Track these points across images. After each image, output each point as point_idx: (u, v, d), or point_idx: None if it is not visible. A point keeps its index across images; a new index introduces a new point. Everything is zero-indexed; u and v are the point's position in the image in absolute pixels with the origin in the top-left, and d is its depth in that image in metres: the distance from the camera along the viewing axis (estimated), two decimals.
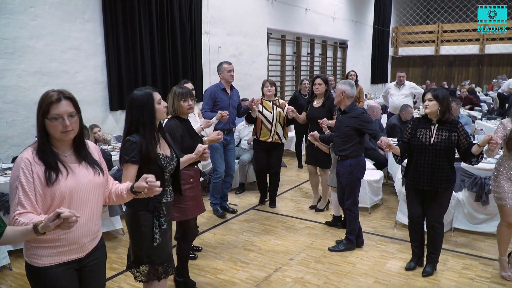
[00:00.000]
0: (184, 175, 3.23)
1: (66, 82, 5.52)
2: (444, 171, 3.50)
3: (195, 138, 3.37)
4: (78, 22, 5.63)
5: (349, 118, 4.14)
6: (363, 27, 14.75)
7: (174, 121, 3.34)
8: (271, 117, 5.30)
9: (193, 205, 3.37)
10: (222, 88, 5.16)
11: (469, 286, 3.62)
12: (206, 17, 7.81)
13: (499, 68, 17.15)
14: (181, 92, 3.33)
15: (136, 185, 2.10)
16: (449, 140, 3.45)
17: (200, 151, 2.94)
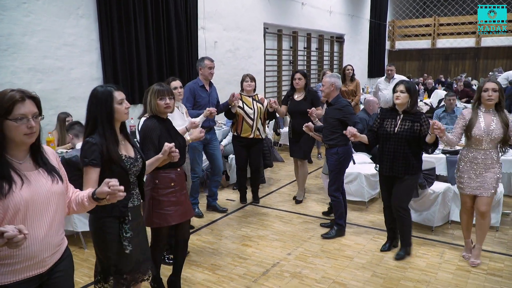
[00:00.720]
0: (164, 178, 3.12)
1: (61, 79, 5.49)
2: (405, 159, 3.74)
3: (175, 138, 3.19)
4: (72, 18, 5.58)
5: (334, 109, 4.38)
6: (359, 21, 14.71)
7: (152, 121, 3.14)
8: (252, 113, 5.20)
9: (175, 211, 3.16)
10: (201, 85, 5.00)
11: (466, 278, 3.63)
12: (202, 12, 7.76)
13: (495, 61, 17.14)
14: (158, 89, 3.14)
15: (97, 191, 1.94)
16: (411, 129, 3.68)
17: (166, 150, 2.73)
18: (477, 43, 16.34)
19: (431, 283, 3.56)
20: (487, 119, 3.59)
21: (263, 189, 6.22)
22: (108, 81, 6.00)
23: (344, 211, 4.60)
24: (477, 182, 3.67)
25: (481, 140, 3.59)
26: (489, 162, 3.63)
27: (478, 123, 3.58)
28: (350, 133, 3.78)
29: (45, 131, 5.17)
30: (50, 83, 5.39)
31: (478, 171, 3.66)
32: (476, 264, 3.84)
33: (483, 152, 3.62)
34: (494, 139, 3.56)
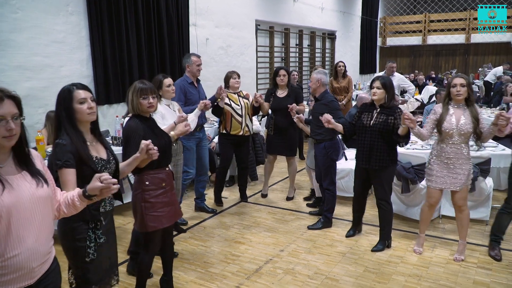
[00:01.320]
0: (154, 179, 3.01)
1: (50, 77, 5.44)
2: (380, 151, 3.88)
3: (161, 137, 3.08)
4: (62, 15, 5.53)
5: (321, 105, 4.50)
6: (351, 17, 14.74)
7: (134, 120, 3.01)
8: (239, 109, 5.11)
9: (169, 211, 3.09)
10: (190, 82, 4.88)
11: (457, 271, 3.67)
12: (193, 9, 7.73)
13: (485, 57, 17.28)
14: (141, 88, 2.98)
15: (89, 187, 1.84)
16: (385, 123, 3.81)
17: (143, 148, 2.53)
18: (467, 40, 16.46)
19: (423, 277, 3.59)
20: (457, 114, 3.65)
21: (255, 186, 6.23)
22: (99, 78, 5.96)
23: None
24: (449, 177, 3.72)
25: (451, 134, 3.64)
26: (460, 156, 3.68)
27: (449, 118, 3.65)
28: (325, 119, 3.97)
29: (35, 130, 5.11)
30: (39, 81, 5.33)
31: (450, 165, 3.71)
32: (459, 259, 3.87)
33: (454, 147, 3.67)
34: (464, 133, 3.62)
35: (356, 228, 4.48)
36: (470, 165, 3.74)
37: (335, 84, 7.75)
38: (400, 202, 4.84)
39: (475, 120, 3.58)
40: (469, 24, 16.23)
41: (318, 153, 4.59)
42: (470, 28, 16.27)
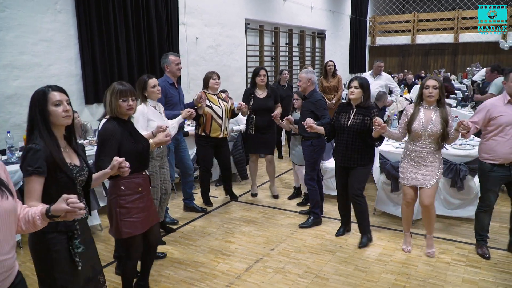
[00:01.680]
0: (131, 184, 2.93)
1: (39, 75, 5.39)
2: (357, 150, 3.99)
3: (139, 141, 2.98)
4: (50, 13, 5.47)
5: (309, 103, 4.61)
6: (340, 16, 14.79)
7: (111, 123, 2.88)
8: (220, 111, 5.04)
9: (145, 217, 3.01)
10: (170, 82, 4.75)
11: (446, 270, 3.71)
12: (183, 8, 7.70)
13: (473, 56, 17.46)
14: (120, 89, 2.87)
15: (54, 208, 1.74)
16: (362, 123, 3.91)
17: (115, 165, 2.37)
18: (455, 39, 16.62)
19: (412, 276, 3.62)
20: (427, 115, 3.72)
21: (246, 185, 6.23)
22: (87, 77, 5.91)
23: (321, 201, 4.84)
24: (418, 174, 3.81)
25: (420, 134, 3.72)
26: (429, 156, 3.76)
27: (418, 119, 3.72)
28: (307, 124, 4.03)
29: (23, 129, 5.07)
30: (28, 80, 5.27)
31: (419, 164, 3.79)
32: (431, 253, 3.96)
33: (422, 146, 3.76)
34: (432, 134, 3.68)
35: (346, 227, 4.52)
36: (440, 164, 3.82)
37: (325, 83, 7.77)
38: (389, 201, 4.88)
39: (444, 121, 3.66)
40: (458, 23, 16.39)
41: (305, 149, 4.71)
42: (458, 27, 16.43)
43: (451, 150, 4.54)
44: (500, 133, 3.67)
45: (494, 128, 3.70)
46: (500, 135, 3.67)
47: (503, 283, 3.49)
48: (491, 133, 3.73)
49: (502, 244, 4.18)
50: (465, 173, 4.45)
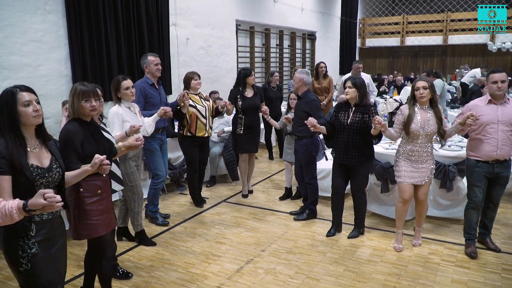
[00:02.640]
0: (90, 186, 2.85)
1: (28, 76, 5.34)
2: (358, 148, 4.12)
3: (101, 143, 2.90)
4: (39, 14, 5.42)
5: (303, 103, 4.74)
6: (331, 18, 14.86)
7: (73, 124, 2.81)
8: (204, 111, 5.08)
9: (104, 220, 2.93)
10: (150, 83, 4.67)
11: (435, 270, 3.74)
12: (174, 9, 7.68)
13: (462, 58, 17.65)
14: (82, 90, 2.80)
15: (31, 202, 1.83)
16: (362, 121, 4.06)
17: (96, 163, 2.43)
18: (444, 41, 16.79)
19: (402, 276, 3.65)
20: (423, 115, 3.85)
21: (236, 186, 6.22)
22: (77, 78, 5.87)
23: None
24: (415, 172, 3.95)
25: (418, 134, 3.84)
26: (424, 154, 3.91)
27: (416, 119, 3.83)
28: (310, 123, 4.14)
29: None
30: (17, 80, 5.21)
31: (415, 162, 3.94)
32: (417, 244, 4.20)
33: (420, 146, 3.89)
34: (429, 133, 3.84)
35: (337, 227, 4.56)
36: (433, 160, 4.00)
37: (316, 85, 7.80)
38: (380, 202, 4.91)
39: (439, 120, 3.81)
40: (447, 25, 16.55)
41: (299, 149, 4.83)
42: (447, 29, 16.59)
43: (440, 151, 4.59)
44: (482, 132, 3.81)
45: (477, 127, 3.82)
46: (482, 134, 3.81)
47: (492, 283, 3.53)
48: (475, 132, 3.86)
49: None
50: (454, 174, 4.50)
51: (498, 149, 3.75)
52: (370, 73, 16.84)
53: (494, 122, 3.74)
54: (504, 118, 3.73)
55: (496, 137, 3.74)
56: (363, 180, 4.34)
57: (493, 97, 3.78)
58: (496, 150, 3.76)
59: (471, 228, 4.06)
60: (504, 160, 3.82)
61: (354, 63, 8.15)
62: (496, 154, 3.77)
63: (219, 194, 5.90)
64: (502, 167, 3.84)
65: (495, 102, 3.77)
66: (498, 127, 3.74)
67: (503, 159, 3.81)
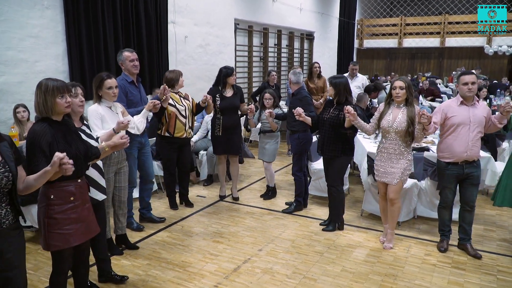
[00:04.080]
0: (61, 192, 2.60)
1: (25, 72, 5.30)
2: (332, 142, 4.37)
3: (73, 144, 2.64)
4: (37, 9, 5.39)
5: (296, 100, 5.00)
6: (329, 19, 14.87)
7: (41, 125, 2.53)
8: (184, 110, 4.86)
9: (77, 229, 2.67)
10: (130, 81, 4.40)
11: (432, 271, 3.75)
12: (172, 6, 7.65)
13: (458, 60, 17.74)
14: (56, 86, 2.53)
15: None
16: (336, 117, 4.29)
17: (56, 161, 2.20)
18: (441, 43, 16.85)
19: (398, 277, 3.65)
20: (395, 113, 3.97)
21: None
22: (75, 74, 5.84)
23: (305, 191, 5.27)
24: (386, 169, 4.05)
25: (388, 131, 3.98)
26: (397, 152, 3.99)
27: (387, 116, 3.99)
28: (297, 112, 4.41)
29: (8, 125, 5.00)
30: (13, 76, 5.19)
31: (388, 160, 4.04)
32: (388, 247, 4.18)
33: (391, 143, 4.00)
34: (399, 131, 3.91)
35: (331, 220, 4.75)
36: (407, 162, 4.01)
37: (311, 85, 7.82)
38: (377, 202, 4.90)
39: (410, 120, 3.87)
40: (444, 28, 16.61)
41: (292, 142, 5.15)
42: (444, 32, 16.65)
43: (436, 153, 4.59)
44: (453, 132, 3.88)
45: (448, 127, 3.90)
46: (453, 134, 3.88)
47: (488, 284, 3.54)
48: (446, 133, 3.94)
49: (487, 246, 4.25)
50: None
51: (468, 149, 3.83)
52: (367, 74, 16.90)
53: (466, 123, 3.83)
54: (475, 120, 3.82)
55: (466, 138, 3.82)
56: (336, 174, 4.51)
57: (464, 98, 3.85)
58: (466, 151, 3.83)
59: (444, 225, 4.18)
60: (473, 160, 3.90)
61: (350, 64, 8.22)
62: (466, 154, 3.84)
63: (216, 193, 5.88)
64: (471, 167, 3.91)
65: (466, 103, 3.85)
66: (469, 128, 3.82)
67: (472, 159, 3.89)
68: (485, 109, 3.91)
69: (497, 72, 16.80)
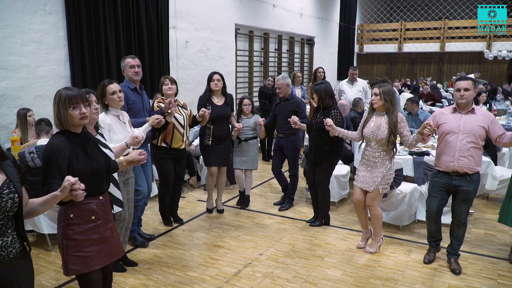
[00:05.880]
0: (81, 211, 2.39)
1: (27, 77, 5.33)
2: (317, 145, 4.60)
3: (95, 158, 2.46)
4: (39, 14, 5.42)
5: (289, 104, 5.23)
6: (329, 24, 14.93)
7: (59, 138, 2.35)
8: (182, 120, 4.59)
9: (98, 252, 2.44)
10: (132, 88, 4.24)
11: (432, 275, 3.75)
12: (173, 12, 7.70)
13: (458, 65, 17.78)
14: (68, 95, 2.33)
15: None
16: (321, 122, 4.40)
17: (66, 187, 1.98)
18: (441, 48, 16.90)
19: (399, 281, 3.65)
20: (377, 121, 3.97)
21: (234, 190, 6.22)
22: (76, 80, 5.87)
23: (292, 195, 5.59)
24: (366, 177, 4.06)
25: (370, 139, 3.99)
26: (377, 160, 3.98)
27: (369, 124, 4.01)
28: (292, 121, 4.72)
29: (10, 130, 5.02)
30: (15, 81, 5.22)
31: (368, 166, 4.06)
32: (367, 251, 4.22)
33: (372, 151, 4.01)
34: (380, 139, 3.90)
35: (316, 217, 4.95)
36: (386, 170, 3.98)
37: None
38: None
39: (390, 128, 3.84)
40: (444, 33, 16.66)
41: (286, 145, 5.31)
42: (444, 37, 16.70)
43: None
44: (443, 140, 3.73)
45: (440, 135, 3.78)
46: (443, 142, 3.73)
47: None
48: (439, 140, 3.81)
49: (487, 250, 4.25)
50: None
51: (455, 159, 3.61)
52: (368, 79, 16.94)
53: (455, 132, 3.61)
54: (466, 128, 3.58)
55: (454, 147, 3.61)
56: (323, 175, 4.73)
57: (457, 105, 3.66)
58: (453, 161, 3.62)
59: (430, 236, 4.05)
60: (464, 173, 3.64)
61: (350, 69, 8.26)
62: (453, 164, 3.63)
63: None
64: (461, 180, 3.65)
65: (460, 111, 3.64)
66: (458, 136, 3.60)
67: (463, 172, 3.63)
68: (484, 119, 3.57)
69: (497, 77, 16.85)
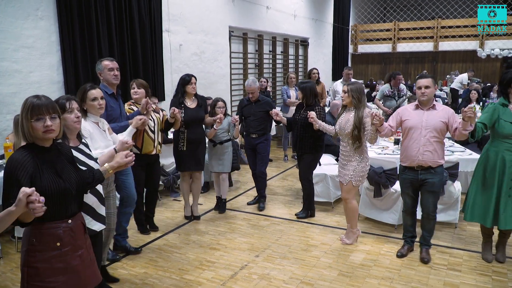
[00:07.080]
0: (45, 236, 2.12)
1: (20, 82, 5.31)
2: (301, 140, 4.89)
3: (64, 174, 2.18)
4: (31, 20, 5.41)
5: (262, 105, 5.44)
6: (323, 25, 14.96)
7: (21, 153, 2.08)
8: (152, 125, 4.42)
9: (65, 282, 2.16)
10: (110, 93, 3.99)
11: (428, 273, 3.76)
12: (167, 15, 7.70)
13: (452, 64, 17.83)
14: (32, 104, 2.09)
15: None
16: (305, 118, 4.68)
17: (21, 199, 1.74)
18: (435, 48, 16.95)
19: (395, 280, 3.66)
20: (346, 116, 4.21)
21: (230, 192, 6.22)
22: (70, 85, 5.84)
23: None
24: (341, 170, 4.31)
25: (341, 134, 4.23)
26: (348, 154, 4.21)
27: (340, 119, 4.26)
28: (274, 113, 5.06)
29: (3, 136, 4.99)
30: (8, 87, 5.19)
31: (343, 161, 4.27)
32: (344, 241, 4.42)
33: (344, 145, 4.26)
34: (347, 134, 4.13)
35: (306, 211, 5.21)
36: (357, 163, 4.18)
37: None
38: (372, 206, 4.93)
39: (354, 124, 4.05)
40: (437, 32, 16.72)
41: (260, 144, 5.45)
42: (438, 36, 16.76)
43: None
44: (407, 136, 3.89)
45: (403, 131, 3.94)
46: (407, 138, 3.88)
47: (483, 285, 3.55)
48: (404, 136, 3.96)
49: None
50: (445, 178, 4.54)
51: (419, 154, 3.77)
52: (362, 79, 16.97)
53: (418, 127, 3.78)
54: (428, 124, 3.75)
55: (418, 142, 3.77)
56: (305, 169, 5.01)
57: (419, 102, 3.85)
58: (418, 155, 3.78)
59: (406, 230, 4.20)
60: (428, 167, 3.80)
61: (344, 69, 8.30)
62: (418, 159, 3.79)
63: (213, 200, 5.88)
64: (427, 173, 3.82)
65: (422, 107, 3.83)
66: (421, 132, 3.77)
67: (427, 165, 3.80)
68: (445, 114, 3.76)
69: (490, 75, 16.92)
